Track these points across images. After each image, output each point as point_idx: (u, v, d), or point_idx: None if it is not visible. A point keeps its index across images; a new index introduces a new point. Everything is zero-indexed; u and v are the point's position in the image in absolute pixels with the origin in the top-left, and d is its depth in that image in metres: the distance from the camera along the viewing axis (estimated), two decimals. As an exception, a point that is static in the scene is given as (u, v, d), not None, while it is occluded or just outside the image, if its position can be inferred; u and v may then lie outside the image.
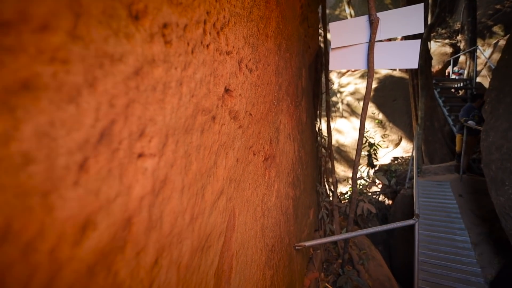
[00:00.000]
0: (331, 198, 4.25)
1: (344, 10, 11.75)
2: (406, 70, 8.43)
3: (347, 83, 9.55)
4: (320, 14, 3.95)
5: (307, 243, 2.28)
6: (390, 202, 6.04)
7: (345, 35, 2.57)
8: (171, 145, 0.50)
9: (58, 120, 0.29)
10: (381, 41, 2.49)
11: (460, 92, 8.62)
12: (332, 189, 4.07)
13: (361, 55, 2.58)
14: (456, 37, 10.89)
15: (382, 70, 9.00)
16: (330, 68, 2.64)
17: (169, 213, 0.51)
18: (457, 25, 11.08)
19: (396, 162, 7.32)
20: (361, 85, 9.09)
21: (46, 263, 0.29)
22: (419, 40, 2.07)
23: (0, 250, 0.25)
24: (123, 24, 0.38)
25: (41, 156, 0.28)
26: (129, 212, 0.40)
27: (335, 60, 2.61)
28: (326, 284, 2.75)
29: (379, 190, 6.39)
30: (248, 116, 1.06)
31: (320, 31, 4.12)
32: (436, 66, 10.18)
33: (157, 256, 0.48)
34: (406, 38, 6.09)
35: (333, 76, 10.05)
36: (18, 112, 0.26)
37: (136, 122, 0.41)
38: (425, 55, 6.36)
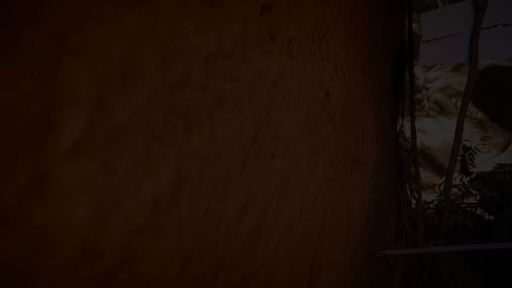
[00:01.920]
0: (413, 206, 3.83)
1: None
2: (519, 59, 6.88)
3: (435, 77, 8.38)
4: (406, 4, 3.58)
5: (389, 252, 2.13)
6: (492, 217, 5.07)
7: (439, 25, 2.26)
8: (291, 147, 0.56)
9: (232, 127, 0.37)
10: (487, 28, 2.13)
11: None
12: (416, 197, 3.66)
13: (461, 47, 2.23)
14: None
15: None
16: (421, 63, 2.38)
17: (287, 207, 0.57)
18: None
19: (501, 170, 6.07)
20: (454, 79, 7.85)
21: (223, 237, 0.37)
22: (548, 22, 1.69)
23: (203, 226, 0.33)
24: (266, 44, 0.45)
25: (224, 155, 0.36)
26: (266, 203, 0.47)
27: (427, 54, 2.34)
28: (410, 300, 2.51)
29: (476, 201, 5.42)
30: (341, 118, 1.06)
31: (404, 21, 3.73)
32: None
33: (277, 244, 0.55)
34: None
35: (417, 70, 8.96)
36: (214, 121, 0.34)
37: (272, 126, 0.48)
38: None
